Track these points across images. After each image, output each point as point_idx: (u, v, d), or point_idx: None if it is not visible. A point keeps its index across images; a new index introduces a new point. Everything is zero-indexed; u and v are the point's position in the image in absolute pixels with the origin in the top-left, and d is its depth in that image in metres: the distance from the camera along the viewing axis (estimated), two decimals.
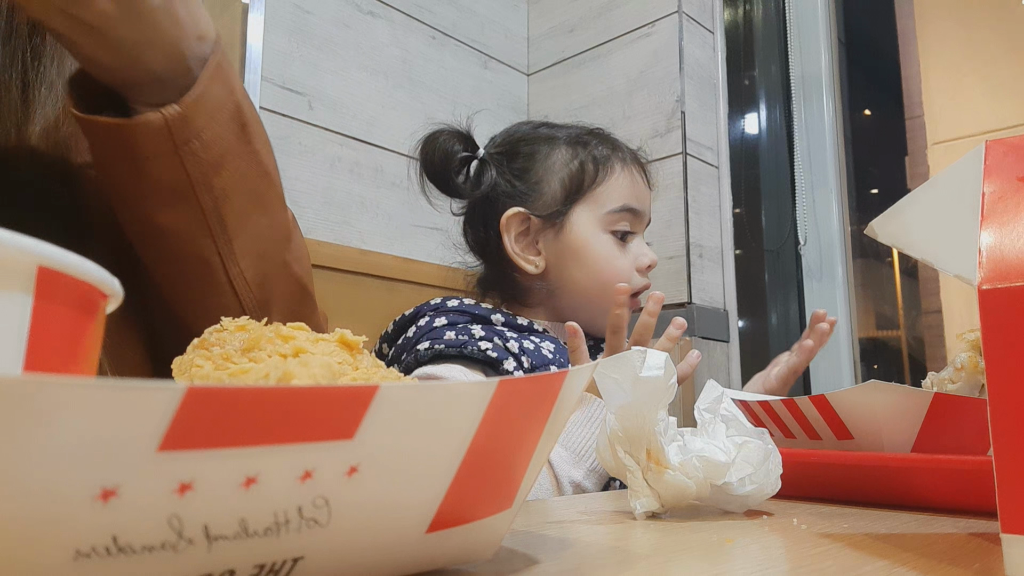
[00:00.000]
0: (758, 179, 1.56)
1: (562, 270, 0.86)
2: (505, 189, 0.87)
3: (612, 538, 0.30)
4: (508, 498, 0.22)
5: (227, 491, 0.15)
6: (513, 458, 0.21)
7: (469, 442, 0.19)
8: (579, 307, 0.86)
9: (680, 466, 0.34)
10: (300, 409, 0.15)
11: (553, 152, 0.88)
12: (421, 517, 0.19)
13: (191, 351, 0.24)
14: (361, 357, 0.25)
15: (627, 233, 0.86)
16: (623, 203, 0.86)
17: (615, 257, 0.85)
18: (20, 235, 0.15)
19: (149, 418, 0.13)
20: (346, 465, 0.16)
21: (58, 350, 0.17)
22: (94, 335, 0.19)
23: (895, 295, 1.73)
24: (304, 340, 0.24)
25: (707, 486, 0.35)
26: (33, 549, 0.13)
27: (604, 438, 0.37)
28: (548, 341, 0.84)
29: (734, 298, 1.35)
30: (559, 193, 0.86)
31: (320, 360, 0.22)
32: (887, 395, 0.42)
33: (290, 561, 0.16)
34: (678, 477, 0.34)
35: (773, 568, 0.24)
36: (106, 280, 0.18)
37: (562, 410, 0.22)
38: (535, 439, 0.21)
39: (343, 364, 0.24)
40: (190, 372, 0.23)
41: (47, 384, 0.12)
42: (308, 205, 1.18)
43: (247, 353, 0.23)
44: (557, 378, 0.21)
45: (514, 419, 0.20)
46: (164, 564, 0.14)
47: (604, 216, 0.85)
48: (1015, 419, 0.21)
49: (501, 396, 0.19)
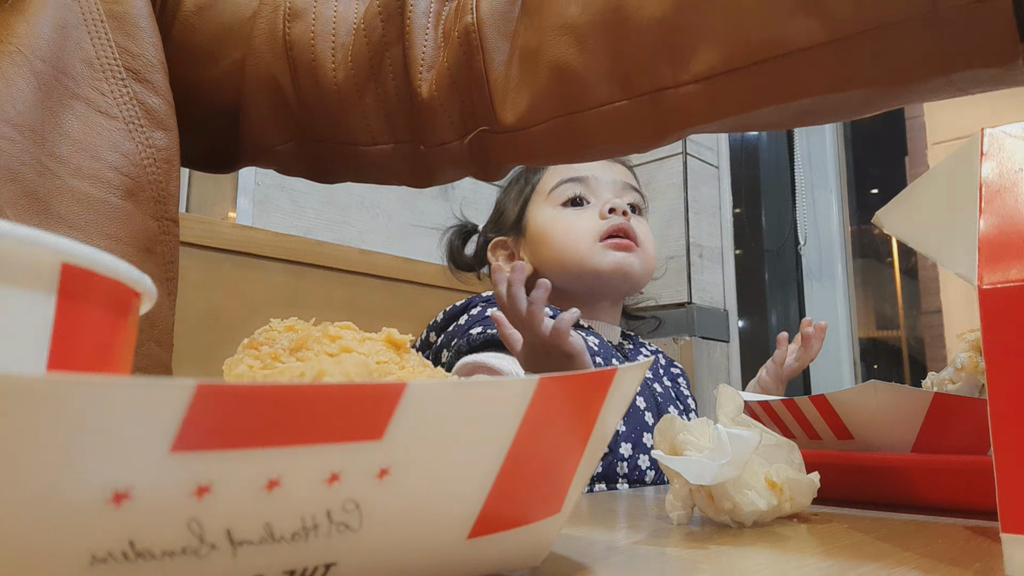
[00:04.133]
0: (758, 179, 1.56)
1: (540, 258, 0.91)
2: (488, 236, 0.99)
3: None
4: (557, 502, 0.21)
5: (248, 494, 0.14)
6: (561, 459, 0.20)
7: (510, 442, 0.18)
8: (564, 278, 0.90)
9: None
10: (322, 408, 0.14)
11: (509, 189, 0.99)
12: (462, 522, 0.18)
13: (241, 350, 0.24)
14: (408, 356, 0.24)
15: (580, 199, 0.91)
16: (559, 178, 0.92)
17: (572, 222, 0.90)
18: (42, 232, 0.14)
19: (158, 418, 0.13)
20: (376, 467, 0.16)
21: (85, 351, 0.16)
22: (126, 336, 0.18)
23: (895, 295, 1.72)
24: (351, 339, 0.24)
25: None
26: (48, 554, 0.12)
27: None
28: (592, 336, 0.87)
29: (734, 298, 1.35)
30: (515, 209, 0.96)
31: (355, 358, 0.22)
32: (887, 395, 0.42)
33: (322, 567, 0.16)
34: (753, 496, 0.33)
35: (774, 568, 0.24)
36: (138, 278, 0.18)
37: (613, 409, 0.21)
38: (584, 439, 0.20)
39: (388, 363, 0.23)
40: (236, 372, 0.23)
41: (51, 382, 0.12)
42: (308, 205, 1.18)
43: (295, 352, 0.23)
44: (605, 376, 0.20)
45: (560, 418, 0.19)
46: (188, 570, 0.14)
47: (548, 197, 0.92)
48: (1015, 419, 0.21)
49: (543, 394, 0.18)
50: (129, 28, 0.43)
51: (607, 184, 0.92)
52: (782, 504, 0.34)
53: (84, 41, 0.40)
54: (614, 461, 0.78)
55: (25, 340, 0.15)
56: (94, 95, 0.40)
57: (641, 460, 0.80)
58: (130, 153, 0.41)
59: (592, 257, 0.87)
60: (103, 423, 0.12)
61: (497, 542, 0.19)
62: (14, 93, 0.36)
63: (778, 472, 0.35)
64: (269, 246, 0.98)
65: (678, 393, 0.93)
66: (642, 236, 0.90)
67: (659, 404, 0.86)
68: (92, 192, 0.39)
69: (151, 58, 0.43)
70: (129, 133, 0.41)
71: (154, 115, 0.43)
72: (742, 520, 0.33)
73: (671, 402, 0.89)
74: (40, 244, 0.15)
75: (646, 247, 0.90)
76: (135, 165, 0.41)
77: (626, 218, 0.89)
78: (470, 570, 0.20)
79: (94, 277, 0.16)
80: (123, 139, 0.41)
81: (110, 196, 0.40)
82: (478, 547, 0.19)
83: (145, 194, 0.41)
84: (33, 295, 0.15)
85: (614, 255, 0.87)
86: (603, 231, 0.87)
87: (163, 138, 0.43)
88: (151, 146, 0.42)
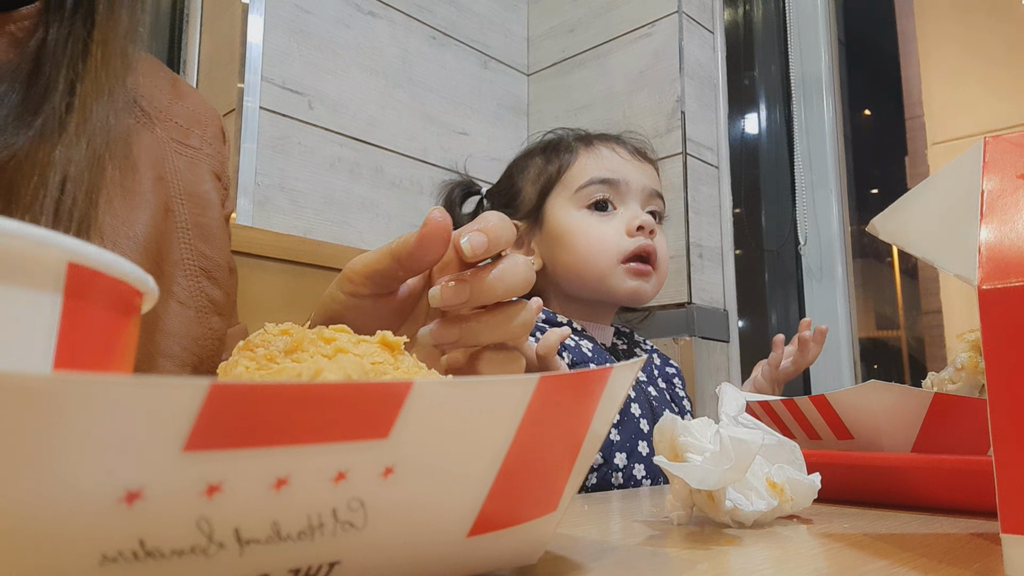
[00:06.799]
0: (758, 179, 1.56)
1: (554, 259, 0.88)
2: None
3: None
4: (553, 500, 0.21)
5: (257, 493, 0.14)
6: (558, 458, 0.20)
7: (511, 441, 0.18)
8: (576, 286, 0.88)
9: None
10: (330, 407, 0.14)
11: (528, 163, 0.94)
12: (462, 520, 0.18)
13: (236, 353, 0.24)
14: (403, 358, 0.25)
15: (606, 203, 0.87)
16: (589, 177, 0.88)
17: (594, 228, 0.86)
18: (47, 231, 0.14)
19: (172, 417, 0.12)
20: (381, 466, 0.16)
21: (91, 350, 0.16)
22: (130, 335, 0.18)
23: (895, 295, 1.72)
24: (345, 341, 0.24)
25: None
26: (59, 553, 0.12)
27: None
28: (585, 339, 0.86)
29: (734, 298, 1.35)
30: (533, 194, 0.91)
31: (352, 359, 0.22)
32: (887, 395, 0.42)
33: (326, 566, 0.16)
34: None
35: (774, 568, 0.24)
36: (141, 278, 0.18)
37: (608, 408, 0.21)
38: (580, 438, 0.21)
39: (384, 364, 0.23)
40: (233, 373, 0.23)
41: (64, 381, 0.12)
42: (308, 205, 1.18)
43: (290, 355, 0.23)
44: (601, 375, 0.20)
45: (557, 417, 0.19)
46: (195, 569, 0.14)
47: (574, 195, 0.88)
48: (1015, 419, 0.21)
49: (542, 393, 0.18)
50: (207, 235, 0.51)
51: (636, 191, 0.88)
52: (783, 504, 0.34)
53: (175, 245, 0.48)
54: (609, 472, 0.77)
55: (32, 339, 0.15)
56: (177, 289, 0.47)
57: (636, 470, 0.78)
58: (199, 337, 0.48)
59: (612, 278, 0.85)
60: (116, 423, 0.12)
61: (496, 540, 0.19)
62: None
63: (779, 473, 0.35)
64: (269, 246, 0.98)
65: (673, 395, 0.92)
66: (661, 257, 0.88)
67: (654, 410, 0.85)
68: (173, 371, 0.46)
69: (220, 260, 0.51)
70: (198, 320, 0.48)
71: (216, 304, 0.50)
72: (742, 520, 0.33)
73: (666, 405, 0.88)
74: (46, 243, 0.15)
75: (661, 267, 0.88)
76: (201, 347, 0.48)
77: (652, 237, 0.86)
78: (470, 568, 0.20)
79: (99, 277, 0.16)
80: (195, 325, 0.48)
81: (184, 373, 0.46)
82: (477, 545, 0.19)
83: (204, 367, 0.48)
84: (39, 294, 0.15)
85: (632, 282, 0.85)
86: (628, 252, 0.85)
87: (219, 321, 0.50)
88: (210, 328, 0.49)
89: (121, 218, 0.44)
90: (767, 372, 0.92)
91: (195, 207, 0.50)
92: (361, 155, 1.27)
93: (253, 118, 1.13)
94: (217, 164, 0.55)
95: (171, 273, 0.47)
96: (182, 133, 0.52)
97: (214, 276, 0.50)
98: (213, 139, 0.55)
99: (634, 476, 0.78)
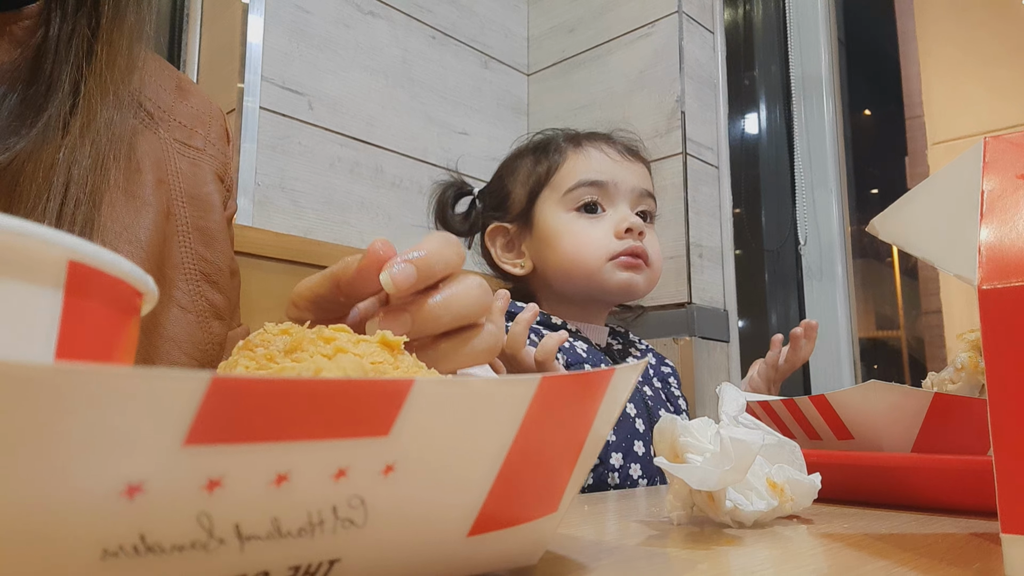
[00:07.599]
0: (758, 179, 1.56)
1: (544, 261, 0.89)
2: (488, 214, 0.95)
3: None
4: (554, 500, 0.21)
5: (258, 488, 0.14)
6: (559, 458, 0.20)
7: (512, 440, 0.18)
8: (567, 287, 0.88)
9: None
10: (331, 403, 0.14)
11: (518, 164, 0.94)
12: (462, 519, 0.18)
13: (236, 353, 0.24)
14: (403, 358, 0.25)
15: (595, 205, 0.87)
16: (578, 179, 0.88)
17: (583, 230, 0.86)
18: (48, 228, 0.14)
19: (173, 410, 0.12)
20: (382, 463, 0.16)
21: (91, 348, 0.16)
22: (130, 335, 0.18)
23: (895, 295, 1.72)
24: (345, 341, 0.24)
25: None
26: (59, 547, 0.12)
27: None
28: (580, 341, 0.86)
29: (734, 298, 1.35)
30: (523, 196, 0.91)
31: (352, 359, 0.22)
32: (887, 395, 0.42)
33: (326, 563, 0.16)
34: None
35: (774, 568, 0.24)
36: (141, 278, 0.18)
37: (610, 409, 0.21)
38: (581, 439, 0.21)
39: (383, 364, 0.23)
40: (233, 372, 0.23)
41: (66, 371, 0.11)
42: (308, 205, 1.18)
43: (290, 354, 0.23)
44: (604, 376, 0.20)
45: (559, 418, 0.19)
46: (195, 565, 0.14)
47: (563, 197, 0.88)
48: (1015, 419, 0.21)
49: (544, 393, 0.18)
50: (208, 239, 0.50)
51: (625, 192, 0.88)
52: (783, 505, 0.34)
53: (175, 248, 0.48)
54: (604, 472, 0.77)
55: (33, 334, 0.15)
56: (178, 294, 0.47)
57: (632, 470, 0.78)
58: (199, 342, 0.48)
59: (600, 275, 0.85)
60: (118, 415, 0.12)
61: (496, 540, 0.19)
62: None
63: (779, 473, 0.35)
64: (269, 246, 0.98)
65: (668, 395, 0.92)
66: (652, 255, 0.88)
67: (650, 409, 0.85)
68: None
69: (221, 264, 0.51)
70: (199, 325, 0.48)
71: (216, 309, 0.50)
72: (742, 520, 0.33)
73: (662, 404, 0.88)
74: (47, 241, 0.15)
75: (655, 264, 0.88)
76: (201, 352, 0.48)
77: (641, 239, 0.86)
78: (470, 568, 0.20)
79: (100, 275, 0.16)
80: (195, 330, 0.48)
81: None
82: (478, 545, 0.19)
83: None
84: (41, 290, 0.15)
85: (623, 275, 0.85)
86: (616, 252, 0.85)
87: (219, 326, 0.50)
88: (211, 332, 0.49)
89: (124, 221, 0.44)
90: (763, 371, 0.92)
91: (196, 210, 0.50)
92: (361, 155, 1.27)
93: (253, 118, 1.13)
94: (220, 165, 0.54)
95: (172, 277, 0.47)
96: (185, 133, 0.52)
97: (215, 280, 0.50)
98: (217, 139, 0.55)
99: (630, 476, 0.78)
